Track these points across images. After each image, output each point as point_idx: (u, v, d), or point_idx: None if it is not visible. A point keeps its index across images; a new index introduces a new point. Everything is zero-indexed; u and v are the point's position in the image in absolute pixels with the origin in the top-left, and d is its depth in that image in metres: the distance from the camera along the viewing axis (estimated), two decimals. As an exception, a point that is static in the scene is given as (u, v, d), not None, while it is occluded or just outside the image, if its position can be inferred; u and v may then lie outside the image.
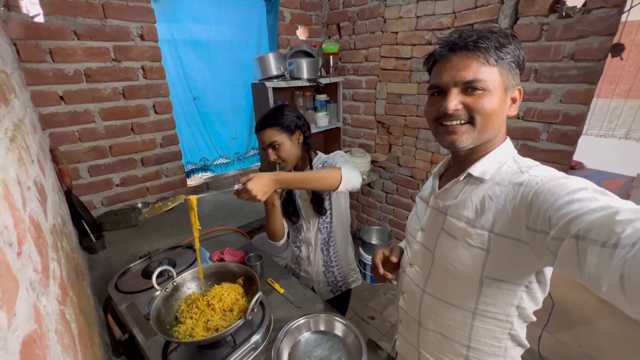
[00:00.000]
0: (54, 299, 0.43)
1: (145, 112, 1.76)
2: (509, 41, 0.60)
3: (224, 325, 0.83)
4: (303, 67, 2.06)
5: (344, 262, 1.31)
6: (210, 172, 2.28)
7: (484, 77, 0.59)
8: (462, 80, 0.60)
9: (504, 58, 0.59)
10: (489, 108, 0.60)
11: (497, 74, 0.60)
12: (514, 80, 0.62)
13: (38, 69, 1.41)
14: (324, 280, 1.30)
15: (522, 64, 0.63)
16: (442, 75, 0.63)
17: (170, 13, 1.78)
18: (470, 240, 0.64)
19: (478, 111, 0.60)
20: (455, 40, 0.61)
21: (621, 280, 0.37)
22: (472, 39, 0.59)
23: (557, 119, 1.50)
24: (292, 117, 1.12)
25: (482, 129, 0.62)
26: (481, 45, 0.58)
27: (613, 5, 1.26)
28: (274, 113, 1.12)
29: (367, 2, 2.13)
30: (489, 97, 0.60)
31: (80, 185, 1.65)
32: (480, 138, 0.63)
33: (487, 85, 0.59)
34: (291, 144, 1.11)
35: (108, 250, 1.44)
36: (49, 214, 0.69)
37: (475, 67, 0.59)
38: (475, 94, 0.60)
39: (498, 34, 0.60)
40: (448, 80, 0.62)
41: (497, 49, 0.59)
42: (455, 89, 0.61)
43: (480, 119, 0.61)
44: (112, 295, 1.06)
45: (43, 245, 0.49)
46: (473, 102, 0.60)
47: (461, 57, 0.60)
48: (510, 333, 0.69)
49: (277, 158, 1.11)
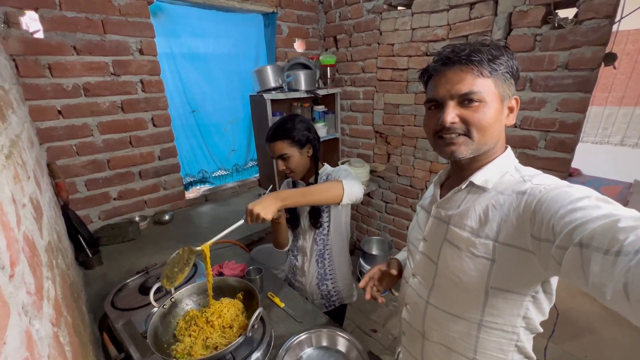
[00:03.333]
0: (47, 321, 0.42)
1: (144, 125, 1.76)
2: (501, 52, 0.61)
3: (223, 342, 0.81)
4: (301, 78, 2.09)
5: (340, 276, 1.27)
6: (208, 184, 2.27)
7: (479, 89, 0.60)
8: (458, 93, 0.61)
9: (497, 69, 0.60)
10: (485, 120, 0.61)
11: (492, 85, 0.61)
12: (509, 90, 0.63)
13: (37, 84, 1.41)
14: (317, 293, 1.27)
15: (516, 74, 0.63)
16: (438, 89, 0.64)
17: (169, 28, 1.81)
18: (475, 250, 0.63)
19: (474, 124, 0.61)
20: (448, 55, 0.62)
21: (625, 288, 0.37)
22: (464, 52, 0.60)
23: (554, 127, 1.52)
24: (304, 130, 1.11)
25: (480, 141, 0.62)
26: (474, 59, 0.59)
27: (604, 16, 1.29)
28: (286, 125, 1.10)
29: (363, 15, 2.17)
30: (485, 109, 0.60)
31: (77, 200, 1.63)
32: (479, 149, 0.64)
33: (483, 96, 0.60)
34: (300, 157, 1.12)
35: (105, 265, 1.42)
36: (45, 230, 0.68)
37: (470, 80, 0.60)
38: (471, 106, 0.61)
39: (490, 47, 0.61)
40: (444, 94, 0.63)
41: (490, 61, 0.60)
42: (451, 102, 0.62)
43: (476, 132, 0.61)
44: (108, 313, 1.03)
45: (37, 265, 0.47)
46: (469, 115, 0.61)
47: (455, 71, 0.61)
48: (517, 345, 0.67)
49: (285, 169, 1.12)
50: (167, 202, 1.96)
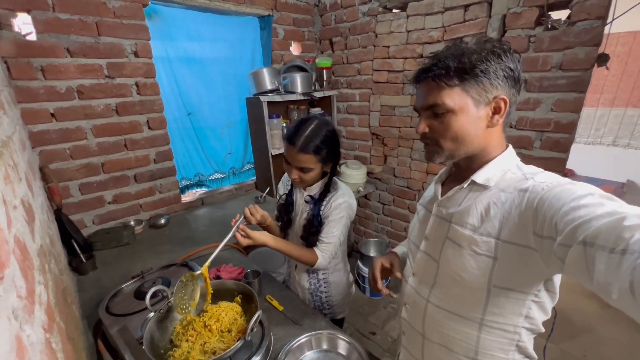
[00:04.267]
0: (39, 326, 0.40)
1: (139, 128, 1.74)
2: (482, 56, 0.59)
3: (222, 347, 0.79)
4: (297, 81, 2.09)
5: (335, 290, 1.22)
6: (205, 187, 2.25)
7: (443, 100, 0.61)
8: (425, 106, 0.65)
9: (467, 76, 0.59)
10: (452, 129, 0.63)
11: (461, 93, 0.60)
12: (490, 93, 0.60)
13: (29, 87, 1.39)
14: (310, 301, 1.23)
15: (509, 74, 0.60)
16: (416, 99, 0.69)
17: (165, 31, 1.80)
18: (477, 248, 0.62)
19: (440, 134, 0.64)
20: (423, 67, 0.65)
21: (631, 287, 0.37)
22: (433, 64, 0.62)
23: (549, 127, 1.53)
24: (337, 148, 1.05)
25: (451, 148, 0.65)
26: (437, 72, 0.61)
27: (596, 18, 1.31)
28: (323, 138, 1.00)
29: (358, 18, 2.18)
30: (452, 118, 0.62)
31: (71, 204, 1.60)
32: (452, 155, 0.66)
33: (449, 107, 0.61)
34: (319, 172, 1.07)
35: (99, 270, 1.39)
36: (37, 234, 0.66)
37: (435, 92, 0.63)
38: (439, 116, 0.63)
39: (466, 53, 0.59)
40: (418, 106, 0.67)
41: (459, 70, 0.59)
42: (425, 113, 0.66)
43: (444, 141, 0.64)
44: (102, 319, 1.00)
45: (29, 268, 0.46)
46: (435, 126, 0.65)
47: (424, 84, 0.65)
48: (518, 345, 0.67)
49: (298, 179, 1.05)
50: (163, 205, 1.94)
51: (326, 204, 1.09)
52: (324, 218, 1.09)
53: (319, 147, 0.99)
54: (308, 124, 1.01)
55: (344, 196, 1.09)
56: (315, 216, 1.09)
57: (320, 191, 1.11)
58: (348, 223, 1.12)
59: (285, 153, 1.05)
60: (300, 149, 0.98)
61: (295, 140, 0.99)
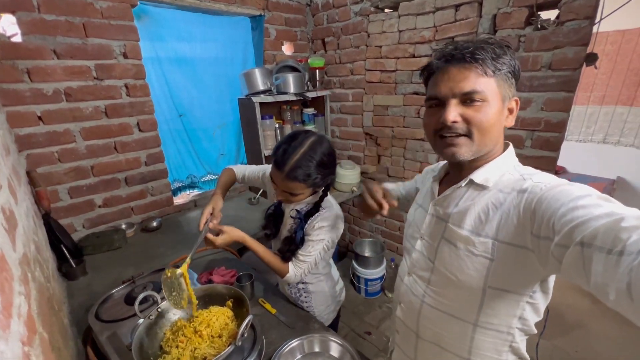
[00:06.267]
0: (16, 340, 0.39)
1: (129, 130, 1.72)
2: (504, 52, 0.60)
3: (212, 353, 0.78)
4: (290, 81, 2.07)
5: (316, 301, 1.16)
6: (197, 189, 2.23)
7: (482, 88, 0.58)
8: (461, 92, 0.59)
9: (500, 69, 0.59)
10: (487, 120, 0.59)
11: (495, 85, 0.59)
12: (510, 91, 0.62)
13: (15, 90, 1.36)
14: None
15: (517, 73, 0.62)
16: (440, 86, 0.62)
17: (154, 32, 1.77)
18: (474, 249, 0.62)
19: (475, 124, 0.59)
20: (451, 52, 0.61)
21: (628, 288, 0.36)
22: (469, 50, 0.59)
23: (539, 127, 1.54)
24: (329, 170, 0.96)
25: (481, 142, 0.61)
26: (478, 57, 0.58)
27: (584, 17, 1.32)
28: (312, 165, 0.90)
29: (350, 18, 2.18)
30: (488, 109, 0.59)
31: (60, 208, 1.57)
32: (479, 150, 0.62)
33: (486, 96, 0.59)
34: (309, 194, 1.02)
35: (89, 275, 1.37)
36: (19, 242, 0.65)
37: (473, 78, 0.58)
38: (474, 105, 0.59)
39: (494, 45, 0.60)
40: (446, 92, 0.61)
41: (494, 60, 0.59)
42: (454, 100, 0.60)
43: (477, 132, 0.60)
44: (92, 325, 0.99)
45: (6, 280, 0.44)
46: (471, 115, 0.59)
47: (459, 69, 0.59)
48: (512, 346, 0.67)
49: (286, 201, 1.01)
50: (155, 208, 1.91)
51: (310, 222, 1.03)
52: (306, 235, 1.04)
53: (309, 175, 0.90)
54: (299, 146, 0.91)
55: (328, 219, 1.03)
56: (298, 232, 1.03)
57: (308, 209, 1.05)
58: (331, 245, 1.08)
59: (271, 172, 0.96)
60: (287, 175, 0.90)
61: (281, 165, 0.90)
